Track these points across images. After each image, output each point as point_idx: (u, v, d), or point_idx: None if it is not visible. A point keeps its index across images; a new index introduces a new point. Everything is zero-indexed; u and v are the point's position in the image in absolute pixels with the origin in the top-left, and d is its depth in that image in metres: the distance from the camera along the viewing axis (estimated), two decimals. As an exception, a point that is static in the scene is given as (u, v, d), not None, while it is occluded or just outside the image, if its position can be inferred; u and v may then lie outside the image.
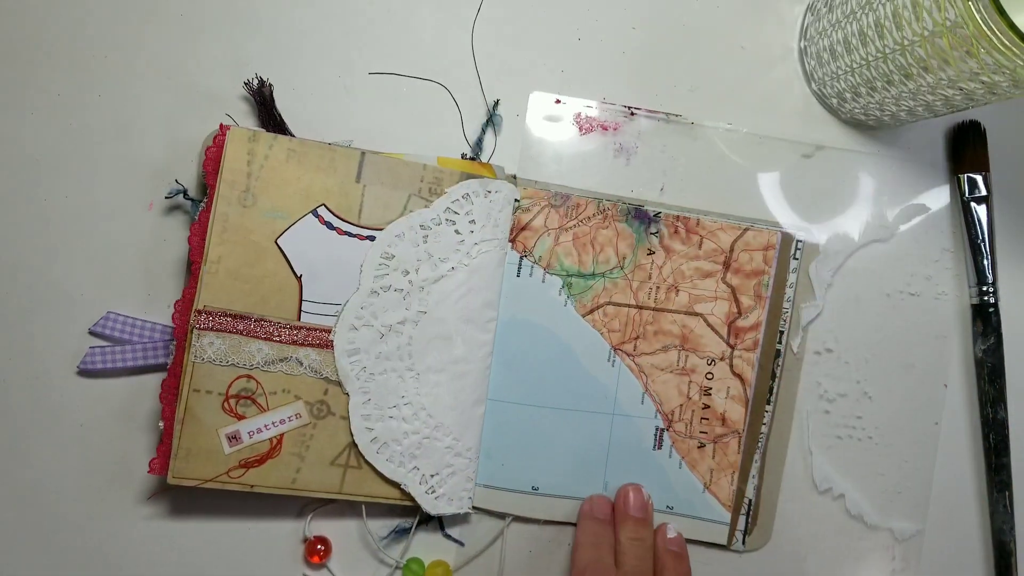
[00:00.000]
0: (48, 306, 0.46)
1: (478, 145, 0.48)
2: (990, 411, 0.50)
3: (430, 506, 0.45)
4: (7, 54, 0.46)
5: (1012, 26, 0.33)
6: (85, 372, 0.46)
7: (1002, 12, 0.33)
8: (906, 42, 0.39)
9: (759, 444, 0.49)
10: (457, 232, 0.46)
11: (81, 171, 0.46)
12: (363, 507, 0.46)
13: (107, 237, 0.46)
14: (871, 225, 0.49)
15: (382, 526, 0.47)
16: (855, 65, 0.44)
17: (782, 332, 0.49)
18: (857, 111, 0.48)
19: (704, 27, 0.50)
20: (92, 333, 0.46)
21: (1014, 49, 0.34)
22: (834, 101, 0.48)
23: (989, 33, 0.34)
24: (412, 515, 0.47)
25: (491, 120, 0.48)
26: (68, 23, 0.46)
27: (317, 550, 0.46)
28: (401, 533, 0.47)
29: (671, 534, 0.47)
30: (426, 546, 0.47)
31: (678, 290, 0.48)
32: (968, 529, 0.50)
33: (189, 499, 0.46)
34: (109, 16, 0.46)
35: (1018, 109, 0.51)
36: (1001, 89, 0.38)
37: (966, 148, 0.50)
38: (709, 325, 0.49)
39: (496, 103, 0.48)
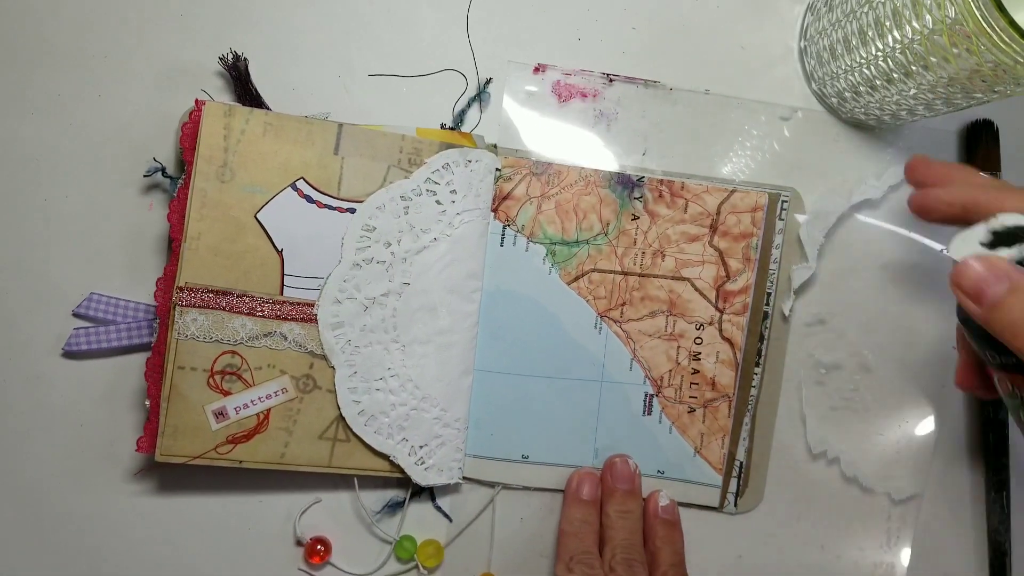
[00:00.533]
0: (31, 289, 0.45)
1: (460, 117, 0.48)
2: (990, 410, 0.49)
3: (420, 477, 0.45)
4: (-20, 37, 0.45)
5: (1012, 23, 0.33)
6: (70, 354, 0.46)
7: (1002, 9, 0.33)
8: (906, 40, 0.39)
9: (749, 407, 0.48)
10: (438, 203, 0.45)
11: (57, 154, 0.46)
12: (355, 480, 0.46)
13: (88, 218, 0.46)
14: (859, 185, 0.49)
15: (375, 500, 0.47)
16: (855, 64, 0.43)
17: (770, 295, 0.48)
18: (858, 110, 0.47)
19: (704, 27, 0.49)
20: (76, 315, 0.46)
21: (1014, 46, 0.34)
22: (834, 100, 0.48)
23: (989, 30, 0.34)
24: (404, 487, 0.47)
25: (479, 96, 0.48)
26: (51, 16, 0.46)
27: (317, 551, 0.46)
28: (394, 507, 0.47)
29: (663, 502, 0.47)
30: (418, 521, 0.48)
31: (664, 255, 0.48)
32: (962, 527, 0.50)
33: (178, 476, 0.46)
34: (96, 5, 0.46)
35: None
36: (1001, 87, 0.37)
37: (979, 147, 0.49)
38: (697, 289, 0.48)
39: (488, 80, 0.48)
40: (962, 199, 0.38)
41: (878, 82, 0.43)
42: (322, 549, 0.46)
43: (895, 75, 0.41)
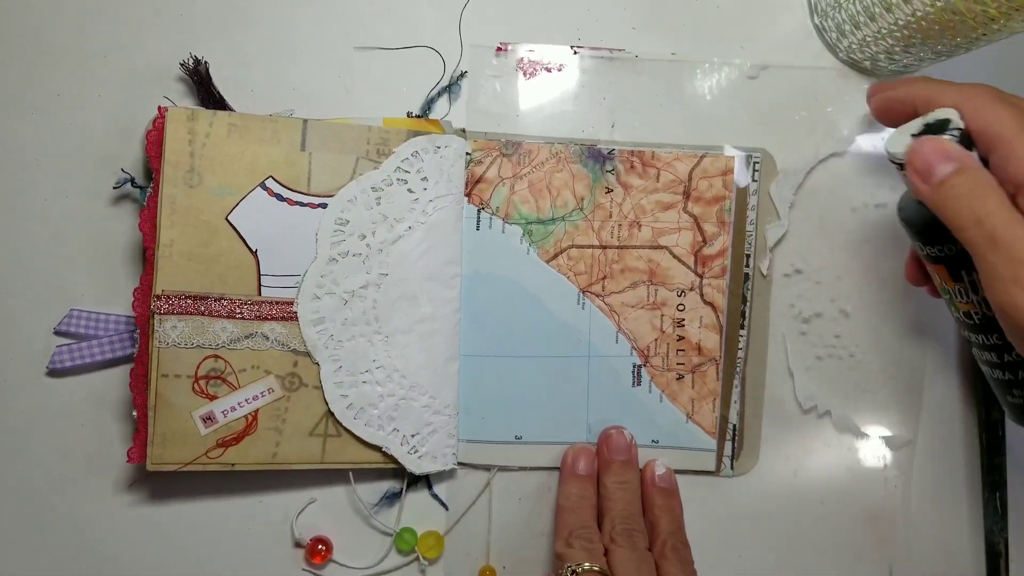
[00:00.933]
0: (9, 310, 0.45)
1: (427, 105, 0.47)
2: (983, 411, 0.49)
3: (414, 466, 0.45)
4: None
5: None
6: (55, 372, 0.45)
7: None
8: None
9: (737, 369, 0.48)
10: (410, 191, 0.45)
11: (24, 174, 0.45)
12: (351, 474, 0.46)
13: (61, 234, 0.46)
14: (827, 139, 0.49)
15: (372, 493, 0.47)
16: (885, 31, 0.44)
17: (748, 256, 0.48)
18: (854, 46, 0.47)
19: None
20: (58, 333, 0.45)
21: None
22: (834, 35, 0.48)
23: None
24: (399, 478, 0.47)
25: (450, 88, 0.47)
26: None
27: (318, 550, 0.46)
28: (392, 498, 0.47)
29: (660, 471, 0.47)
30: (417, 511, 0.48)
31: (640, 225, 0.48)
32: (958, 528, 0.50)
33: (171, 484, 0.46)
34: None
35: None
36: (954, 36, 0.40)
37: None
38: (675, 257, 0.48)
39: (463, 74, 0.47)
40: (914, 95, 0.40)
41: (876, 10, 0.43)
42: (323, 548, 0.46)
43: (876, 10, 0.42)
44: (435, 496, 0.47)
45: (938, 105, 0.38)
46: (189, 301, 0.43)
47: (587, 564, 0.41)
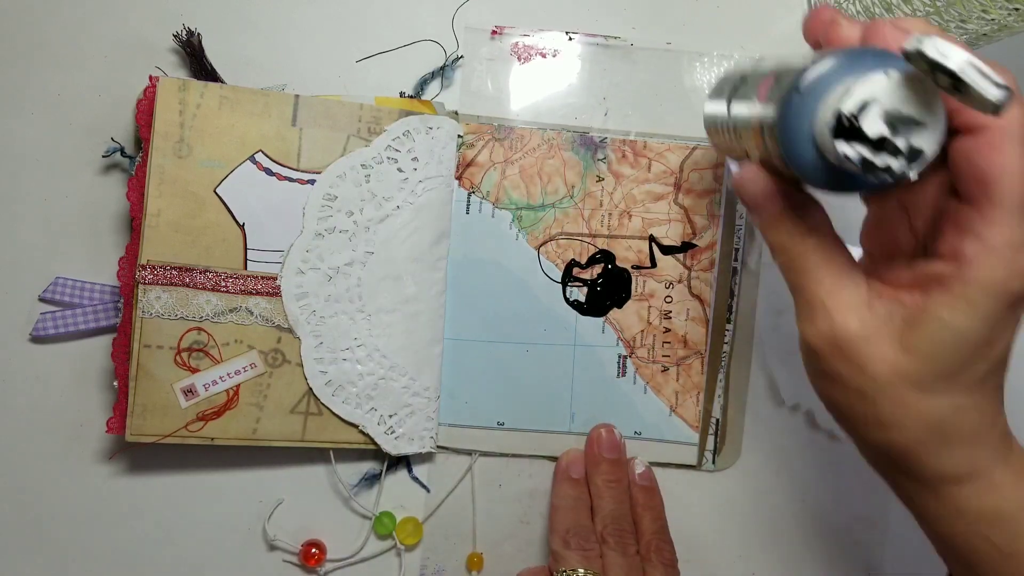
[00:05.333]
0: (-5, 275, 0.45)
1: (421, 86, 0.47)
2: None
3: (391, 446, 0.45)
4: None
5: None
6: (38, 339, 0.45)
7: None
8: None
9: (722, 363, 0.48)
10: (400, 170, 0.45)
11: (12, 138, 0.45)
12: (331, 453, 0.46)
13: (49, 201, 0.45)
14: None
15: (353, 473, 0.47)
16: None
17: (737, 250, 0.48)
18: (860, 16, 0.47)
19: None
20: (43, 300, 0.45)
21: None
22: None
23: None
24: (380, 460, 0.47)
25: (443, 69, 0.47)
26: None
27: (312, 554, 0.46)
28: (371, 479, 0.47)
29: (639, 469, 0.47)
30: (397, 495, 0.47)
31: (631, 215, 0.48)
32: None
33: (150, 456, 0.46)
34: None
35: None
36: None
37: None
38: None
39: (458, 57, 0.47)
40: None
41: (876, 10, 0.42)
42: (316, 552, 0.46)
43: (876, 10, 0.42)
44: (415, 478, 0.47)
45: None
46: (174, 272, 0.43)
47: (582, 570, 0.42)
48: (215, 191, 0.43)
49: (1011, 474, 0.32)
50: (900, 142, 0.28)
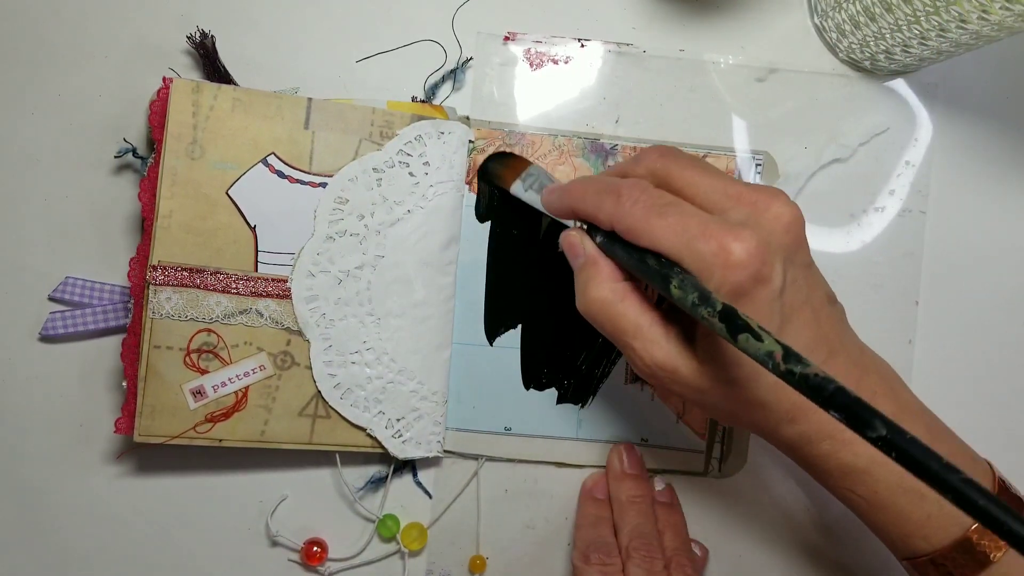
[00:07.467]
0: (5, 274, 0.45)
1: (431, 90, 0.48)
2: None
3: (398, 450, 0.45)
4: (-53, 24, 0.45)
5: None
6: (47, 338, 0.45)
7: None
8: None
9: (730, 371, 0.48)
10: (411, 175, 0.45)
11: (24, 137, 0.46)
12: (337, 456, 0.46)
13: (60, 202, 0.46)
14: (830, 144, 0.49)
15: (359, 477, 0.47)
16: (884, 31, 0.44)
17: (747, 257, 0.48)
18: (855, 45, 0.47)
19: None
20: (52, 299, 0.45)
21: None
22: (834, 35, 0.48)
23: None
24: (386, 464, 0.47)
25: (454, 72, 0.47)
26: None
27: (314, 552, 0.46)
28: (377, 483, 0.47)
29: (659, 486, 0.47)
30: (402, 500, 0.47)
31: (640, 222, 0.48)
32: None
33: (156, 457, 0.46)
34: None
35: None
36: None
37: None
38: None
39: (468, 60, 0.47)
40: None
41: (876, 10, 0.43)
42: (318, 551, 0.46)
43: (876, 10, 0.42)
44: (419, 484, 0.47)
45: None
46: (185, 273, 0.43)
47: None
48: (227, 193, 0.43)
49: None
50: None
